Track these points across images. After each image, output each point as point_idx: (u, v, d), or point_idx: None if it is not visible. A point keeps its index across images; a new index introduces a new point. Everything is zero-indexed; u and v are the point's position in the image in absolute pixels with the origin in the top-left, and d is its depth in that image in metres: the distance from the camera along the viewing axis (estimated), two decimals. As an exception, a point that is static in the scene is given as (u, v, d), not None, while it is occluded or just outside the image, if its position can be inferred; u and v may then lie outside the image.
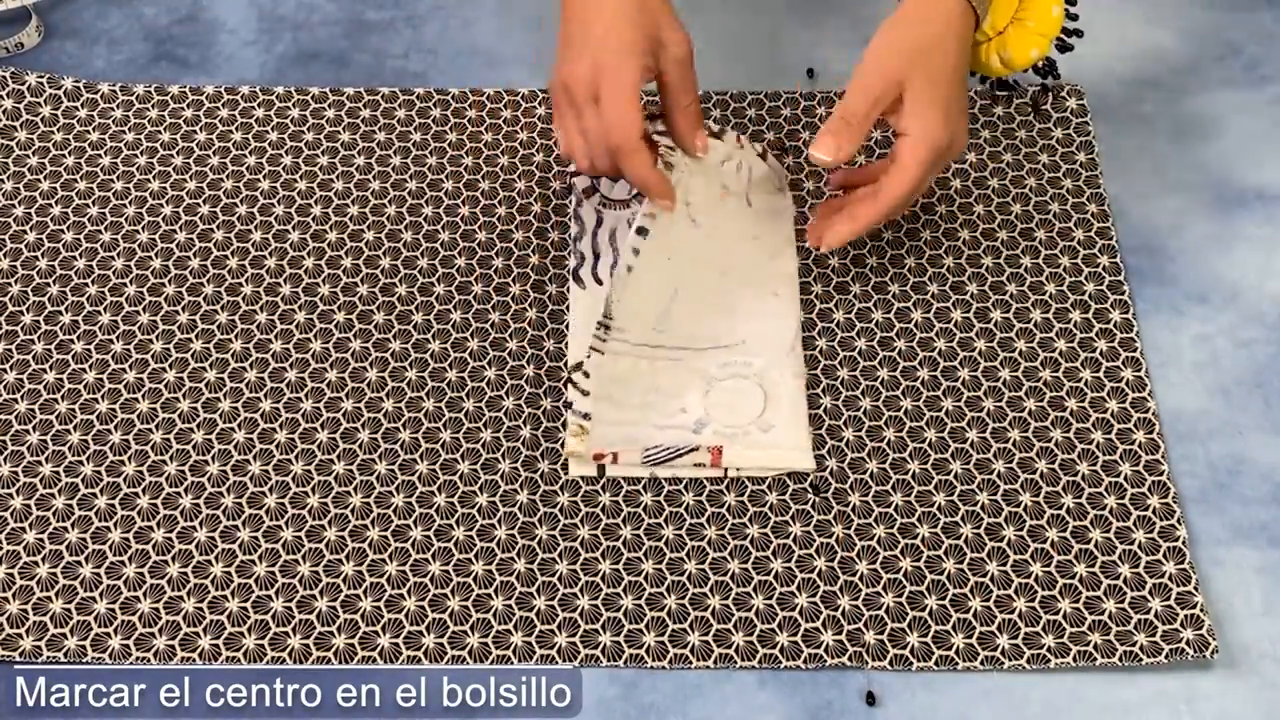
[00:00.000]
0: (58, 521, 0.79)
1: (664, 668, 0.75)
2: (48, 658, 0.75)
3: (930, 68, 0.80)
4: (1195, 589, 0.76)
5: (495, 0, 1.04)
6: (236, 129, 0.96)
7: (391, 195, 0.93)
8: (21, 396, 0.84)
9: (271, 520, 0.79)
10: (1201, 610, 0.75)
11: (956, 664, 0.75)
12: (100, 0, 1.05)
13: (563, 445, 0.81)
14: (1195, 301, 0.88)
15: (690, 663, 0.75)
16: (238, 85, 0.99)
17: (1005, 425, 0.83)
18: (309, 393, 0.84)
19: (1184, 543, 0.78)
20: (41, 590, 0.77)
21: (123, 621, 0.76)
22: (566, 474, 0.81)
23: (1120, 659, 0.74)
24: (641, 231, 0.82)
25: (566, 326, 0.87)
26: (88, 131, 0.96)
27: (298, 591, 0.77)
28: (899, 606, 0.76)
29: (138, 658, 0.75)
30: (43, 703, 0.74)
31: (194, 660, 0.75)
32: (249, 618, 0.76)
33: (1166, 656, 0.74)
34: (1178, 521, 0.79)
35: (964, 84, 0.82)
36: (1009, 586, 0.77)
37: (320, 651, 0.75)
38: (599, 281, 0.88)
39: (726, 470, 0.81)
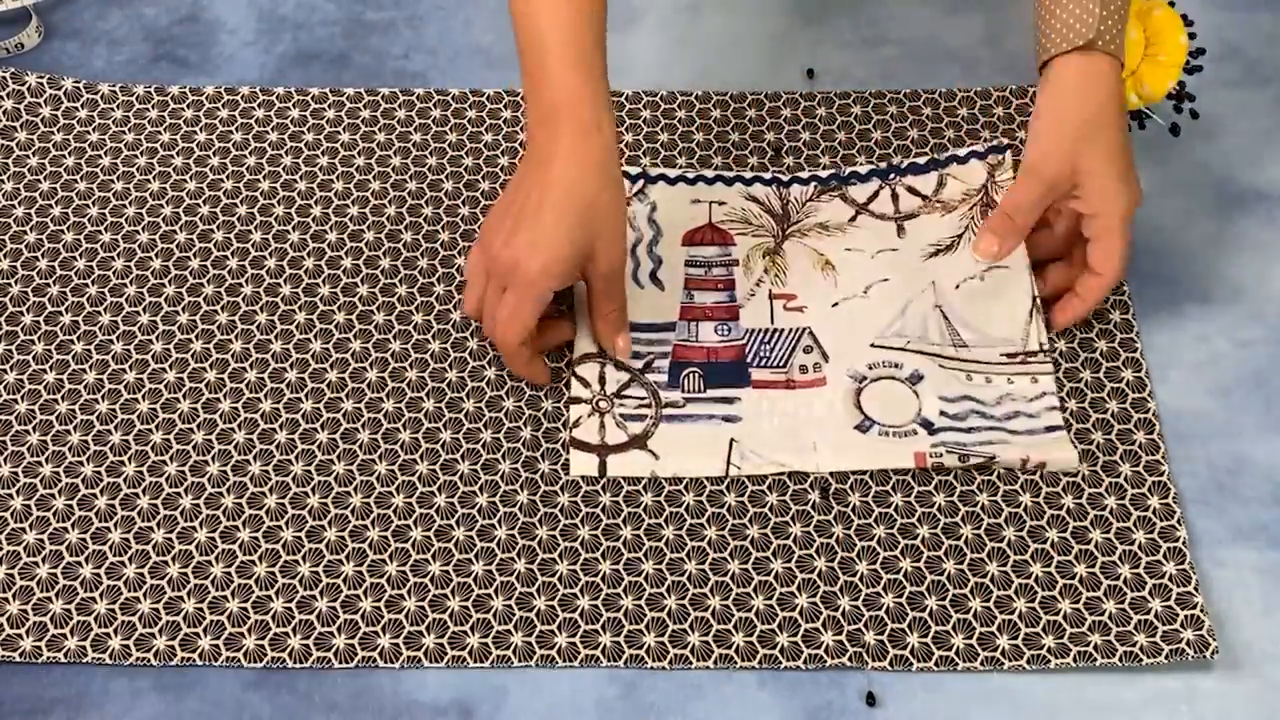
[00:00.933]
0: (58, 522, 0.79)
1: (664, 668, 0.75)
2: (48, 658, 0.75)
3: (1105, 142, 0.79)
4: (1195, 589, 0.76)
5: (495, 0, 1.04)
6: (236, 129, 0.96)
7: (391, 196, 0.93)
8: (21, 397, 0.84)
9: (271, 521, 0.79)
10: (1201, 611, 0.75)
11: (956, 664, 0.75)
12: (100, 0, 1.05)
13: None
14: (1195, 301, 0.88)
15: (690, 663, 0.75)
16: (238, 85, 0.99)
17: (1005, 425, 0.83)
18: (309, 393, 0.84)
19: (1184, 543, 0.78)
20: (41, 590, 0.77)
21: (123, 622, 0.76)
22: (567, 474, 0.81)
23: (1120, 659, 0.74)
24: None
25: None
26: (88, 132, 0.96)
27: (298, 592, 0.77)
28: (899, 607, 0.76)
29: (138, 658, 0.75)
30: (43, 703, 0.74)
31: (194, 660, 0.75)
32: (249, 618, 0.76)
33: (1166, 657, 0.74)
34: (1178, 522, 0.79)
35: (1128, 134, 0.82)
36: (1009, 587, 0.77)
37: (320, 652, 0.75)
38: None
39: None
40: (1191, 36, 0.88)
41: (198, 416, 0.83)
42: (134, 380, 0.85)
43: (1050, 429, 0.81)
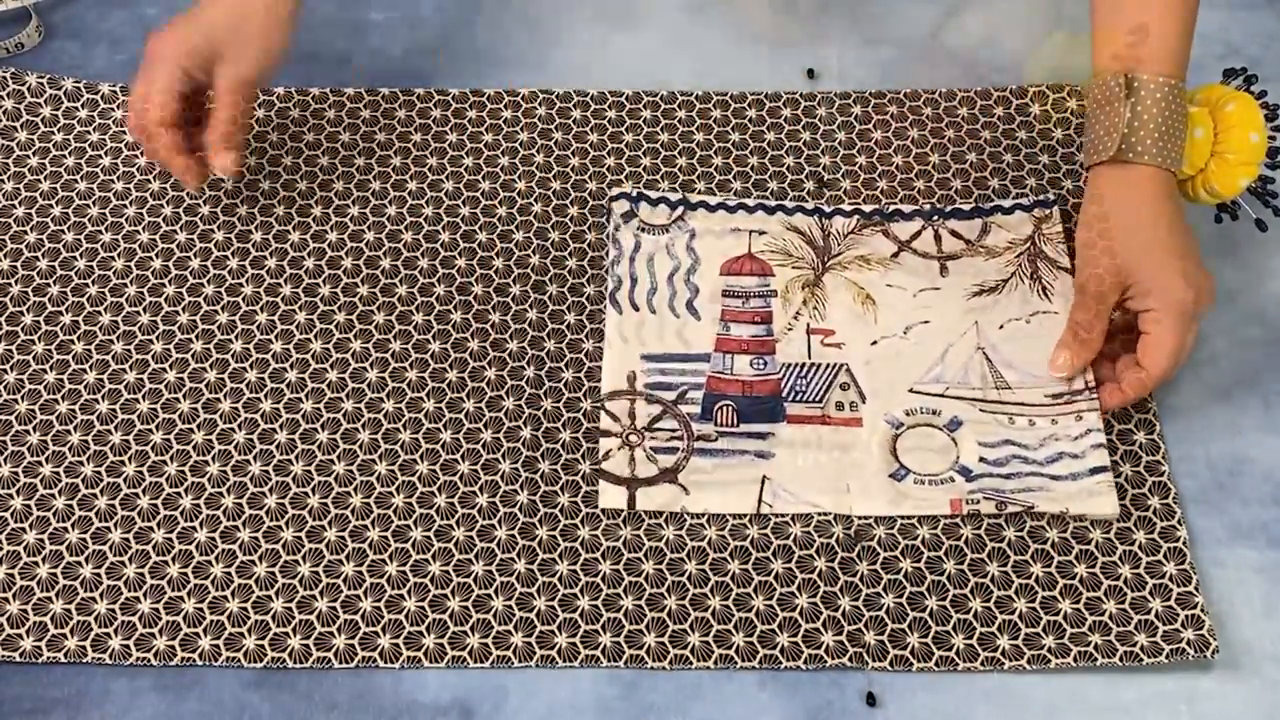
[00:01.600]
0: (58, 522, 0.79)
1: (664, 668, 0.75)
2: (48, 658, 0.75)
3: (1145, 242, 0.79)
4: (1196, 589, 0.76)
5: (495, 0, 1.04)
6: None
7: (392, 196, 0.93)
8: (22, 397, 0.84)
9: (272, 521, 0.79)
10: (1202, 610, 0.75)
11: (957, 665, 0.75)
12: (101, 1, 1.05)
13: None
14: (1195, 302, 0.88)
15: (690, 663, 0.75)
16: (238, 85, 0.99)
17: (1005, 426, 0.83)
18: (309, 393, 0.84)
19: (1184, 543, 0.78)
20: (41, 590, 0.77)
21: (123, 622, 0.76)
22: (595, 505, 0.80)
23: (1121, 659, 0.74)
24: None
25: (568, 328, 0.87)
26: (88, 132, 0.96)
27: (298, 592, 0.77)
28: (899, 607, 0.76)
29: (138, 658, 0.75)
30: (43, 703, 0.74)
31: (194, 660, 0.75)
32: (249, 618, 0.76)
33: (1167, 657, 0.74)
34: (1178, 522, 0.79)
35: (1186, 233, 0.80)
36: (1009, 587, 0.77)
37: (320, 652, 0.75)
38: (635, 308, 0.86)
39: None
40: (1279, 129, 0.84)
41: (198, 416, 0.83)
42: (134, 380, 0.85)
43: (1095, 470, 0.79)
